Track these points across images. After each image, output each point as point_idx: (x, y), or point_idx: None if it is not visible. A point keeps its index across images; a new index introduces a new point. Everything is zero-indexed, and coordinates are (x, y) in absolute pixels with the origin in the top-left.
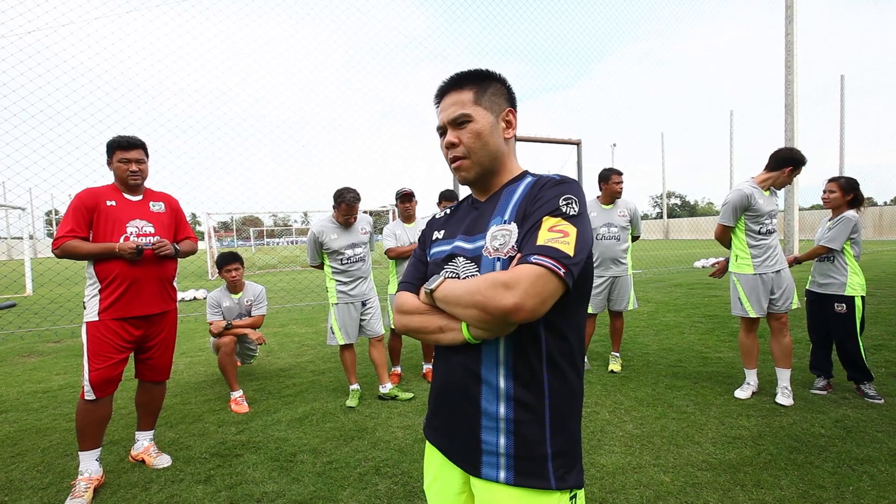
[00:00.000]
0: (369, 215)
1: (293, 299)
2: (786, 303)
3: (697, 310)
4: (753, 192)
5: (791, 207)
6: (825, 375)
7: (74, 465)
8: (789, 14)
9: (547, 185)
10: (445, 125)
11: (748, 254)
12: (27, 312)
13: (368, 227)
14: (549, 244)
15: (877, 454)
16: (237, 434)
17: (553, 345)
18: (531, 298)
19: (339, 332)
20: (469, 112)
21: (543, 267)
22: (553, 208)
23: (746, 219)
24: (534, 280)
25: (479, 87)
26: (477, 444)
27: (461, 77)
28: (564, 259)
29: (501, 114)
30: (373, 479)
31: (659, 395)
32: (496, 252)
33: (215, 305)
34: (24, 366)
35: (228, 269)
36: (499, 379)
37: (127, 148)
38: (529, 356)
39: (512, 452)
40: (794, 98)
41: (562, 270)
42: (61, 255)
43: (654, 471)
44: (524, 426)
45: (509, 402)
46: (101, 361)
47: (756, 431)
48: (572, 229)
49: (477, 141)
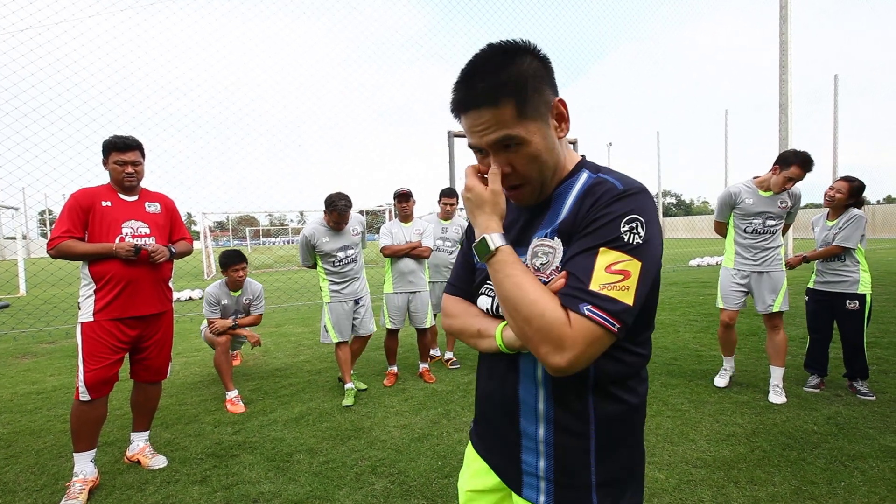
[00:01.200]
0: (364, 214)
1: (289, 299)
2: (765, 305)
3: (692, 308)
4: (741, 191)
5: None
6: (821, 373)
7: (69, 467)
8: (783, 14)
9: (604, 196)
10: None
11: (732, 249)
12: (20, 313)
13: (360, 228)
14: (605, 291)
15: (868, 450)
16: (233, 434)
17: (604, 372)
18: (580, 363)
19: (332, 331)
20: (516, 133)
21: (599, 325)
22: (612, 237)
23: (735, 216)
24: (588, 345)
25: (519, 93)
26: (518, 463)
27: (487, 85)
28: (623, 314)
29: (550, 111)
30: (369, 478)
31: (654, 393)
32: (538, 272)
33: (214, 303)
34: (17, 367)
35: (236, 268)
36: (538, 400)
37: (123, 149)
38: (572, 382)
39: (552, 478)
40: (789, 98)
41: (617, 327)
42: (56, 256)
43: (649, 468)
44: (565, 451)
45: (549, 425)
46: (97, 362)
47: (750, 429)
48: (635, 266)
49: (534, 165)
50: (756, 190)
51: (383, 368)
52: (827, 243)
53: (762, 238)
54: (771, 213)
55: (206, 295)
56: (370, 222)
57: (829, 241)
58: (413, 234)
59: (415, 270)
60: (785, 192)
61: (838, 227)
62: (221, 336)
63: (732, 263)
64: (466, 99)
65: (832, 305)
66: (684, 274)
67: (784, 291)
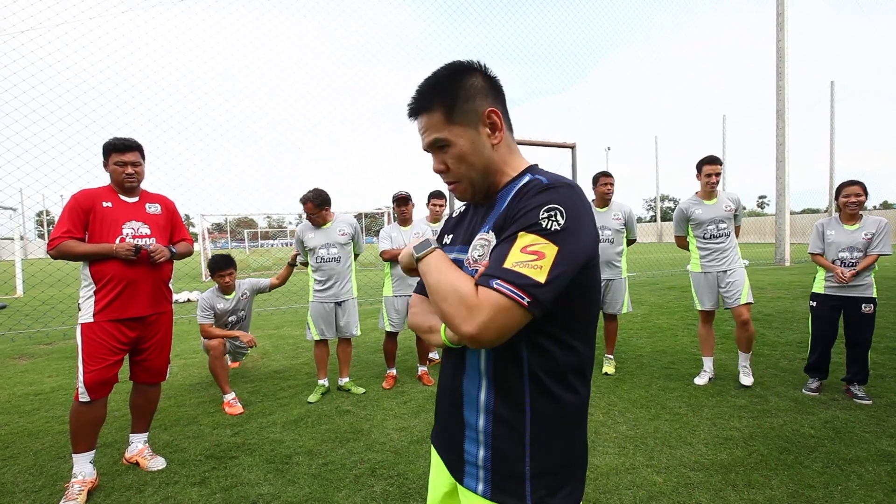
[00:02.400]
0: (362, 217)
1: (288, 301)
2: (733, 298)
3: (690, 312)
4: (689, 205)
5: (782, 212)
6: (822, 377)
7: (67, 468)
8: (780, 21)
9: (531, 191)
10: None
11: (697, 255)
12: (18, 314)
13: (348, 230)
14: (516, 268)
15: (865, 454)
16: (232, 436)
17: (536, 362)
18: (489, 332)
19: (313, 328)
20: (443, 136)
21: (506, 297)
22: (530, 223)
23: (691, 227)
24: (494, 313)
25: (448, 101)
26: (461, 454)
27: (424, 94)
28: (532, 288)
29: (481, 120)
30: (368, 480)
31: (652, 397)
32: (475, 263)
33: (207, 308)
34: (15, 368)
35: (222, 274)
36: (480, 391)
37: (123, 150)
38: (510, 371)
39: (489, 466)
40: (785, 104)
41: (526, 300)
42: (57, 256)
43: (648, 471)
44: (502, 441)
45: (488, 416)
46: (96, 363)
47: (747, 432)
48: (550, 249)
49: (461, 164)
50: (701, 201)
51: (382, 371)
52: (854, 247)
53: (718, 241)
54: (719, 217)
55: (200, 300)
56: (368, 225)
57: (857, 245)
58: (412, 237)
59: None
60: (725, 197)
61: (866, 233)
62: (214, 340)
63: (700, 267)
64: (411, 106)
65: (844, 309)
66: (681, 278)
67: (748, 285)
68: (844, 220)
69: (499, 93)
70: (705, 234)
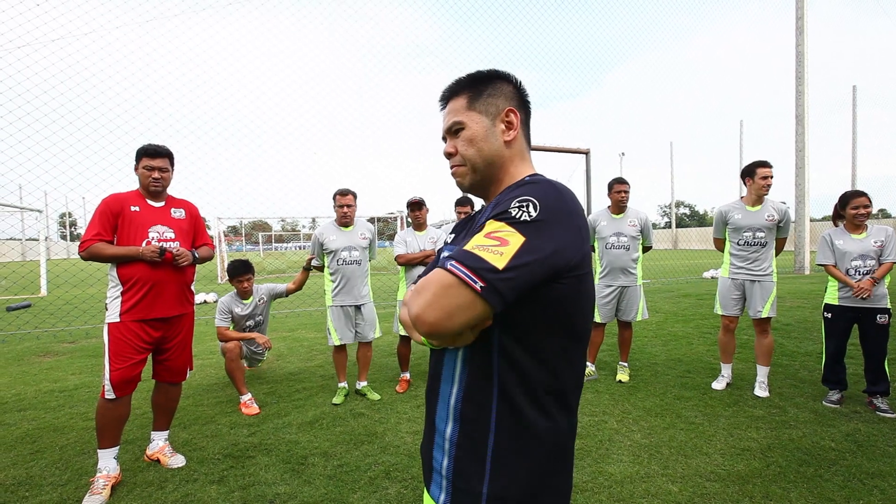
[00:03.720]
0: (375, 222)
1: (302, 304)
2: (755, 310)
3: (706, 321)
4: (730, 209)
5: (802, 219)
6: (842, 388)
7: (91, 463)
8: (800, 26)
9: (513, 186)
10: (444, 135)
11: (728, 260)
12: (43, 313)
13: (369, 235)
14: (474, 251)
15: (888, 469)
16: (249, 436)
17: (507, 375)
18: (433, 311)
19: (334, 334)
20: (461, 119)
21: (454, 275)
22: (500, 211)
23: (728, 231)
24: (439, 290)
25: (475, 91)
26: (430, 460)
27: (457, 83)
28: (486, 272)
29: (499, 115)
30: (383, 482)
31: (667, 406)
32: None
33: (226, 311)
34: (40, 365)
35: (241, 279)
36: (450, 397)
37: (153, 156)
38: (480, 380)
39: (450, 477)
40: (805, 109)
41: (478, 284)
42: (87, 258)
43: (663, 480)
44: (464, 453)
45: (455, 423)
46: (122, 361)
47: (765, 444)
48: (516, 238)
49: (470, 148)
50: (744, 206)
51: (396, 375)
52: (866, 255)
53: (753, 249)
54: (758, 225)
55: (219, 304)
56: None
57: (869, 253)
58: (427, 242)
59: None
60: (770, 206)
61: (875, 241)
62: (230, 343)
63: (728, 272)
64: (442, 94)
65: (859, 321)
66: (698, 286)
67: (773, 299)
68: (851, 229)
69: (525, 106)
70: (741, 240)
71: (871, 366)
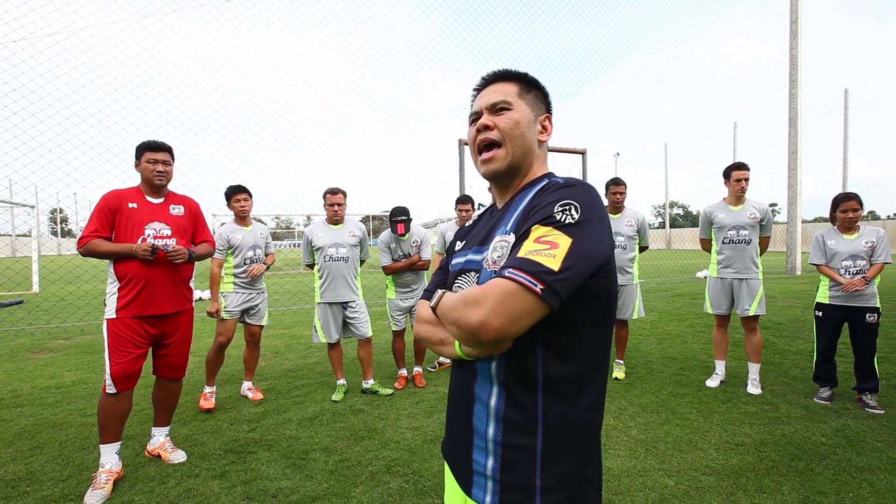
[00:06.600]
0: (370, 220)
1: (299, 301)
2: (742, 308)
3: (700, 320)
4: (714, 209)
5: (794, 220)
6: (832, 385)
7: (91, 459)
8: (794, 29)
9: (549, 188)
10: (482, 110)
11: (715, 259)
12: (37, 310)
13: (358, 233)
14: (529, 256)
15: (876, 463)
16: (249, 432)
17: (553, 367)
18: (498, 317)
19: (321, 331)
20: (511, 101)
21: (515, 282)
22: (545, 216)
23: (714, 231)
24: (502, 297)
25: (526, 86)
26: (469, 463)
27: (509, 72)
28: (545, 275)
29: (540, 117)
30: (384, 477)
31: (662, 402)
32: (494, 265)
33: (224, 242)
34: (35, 361)
35: (238, 198)
36: (490, 397)
37: (155, 149)
38: (523, 376)
39: (498, 477)
40: (798, 111)
41: (538, 287)
42: (85, 253)
43: (659, 475)
44: (512, 451)
45: (499, 424)
46: (121, 356)
47: (758, 439)
48: (564, 240)
49: (515, 128)
50: (727, 206)
51: (393, 372)
52: (857, 255)
53: (738, 247)
54: (741, 224)
55: (217, 236)
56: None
57: (860, 253)
58: (410, 247)
59: (416, 279)
60: (752, 205)
61: (866, 241)
62: (228, 322)
63: (716, 272)
64: (492, 76)
65: (849, 319)
66: (691, 285)
67: (760, 297)
68: (842, 230)
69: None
70: (725, 238)
71: (861, 363)
